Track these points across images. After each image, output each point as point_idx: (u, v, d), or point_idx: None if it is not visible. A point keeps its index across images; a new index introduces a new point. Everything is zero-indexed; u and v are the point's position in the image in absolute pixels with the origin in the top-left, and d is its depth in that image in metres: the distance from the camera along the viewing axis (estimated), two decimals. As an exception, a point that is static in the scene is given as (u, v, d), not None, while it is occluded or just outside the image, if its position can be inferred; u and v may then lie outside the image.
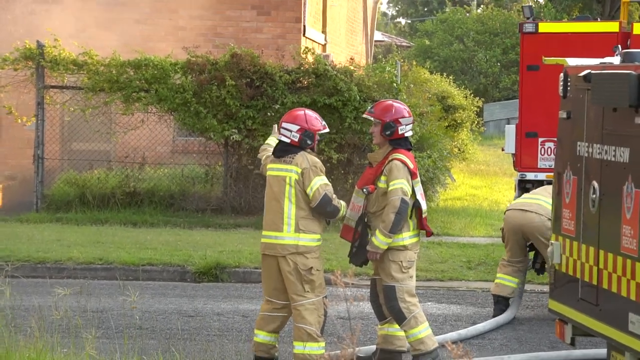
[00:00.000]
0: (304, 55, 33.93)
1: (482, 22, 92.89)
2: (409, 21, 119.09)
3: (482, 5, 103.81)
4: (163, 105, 32.23)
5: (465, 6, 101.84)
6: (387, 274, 17.31)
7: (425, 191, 28.05)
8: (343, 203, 17.74)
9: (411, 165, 17.13)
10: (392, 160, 17.27)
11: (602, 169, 11.37)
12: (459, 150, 54.36)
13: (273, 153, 17.89)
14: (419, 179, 17.16)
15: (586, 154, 11.77)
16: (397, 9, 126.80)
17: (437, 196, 35.25)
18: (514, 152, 23.50)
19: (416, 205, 17.24)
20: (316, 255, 17.44)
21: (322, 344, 17.26)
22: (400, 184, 17.02)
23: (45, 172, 32.72)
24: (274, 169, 17.57)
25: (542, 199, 20.20)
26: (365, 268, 19.28)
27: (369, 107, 18.67)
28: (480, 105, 63.29)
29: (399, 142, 17.44)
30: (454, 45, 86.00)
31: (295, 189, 17.23)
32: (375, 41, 77.72)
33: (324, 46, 45.73)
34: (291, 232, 17.31)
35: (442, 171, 36.61)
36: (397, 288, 17.16)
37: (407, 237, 17.22)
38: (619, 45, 21.87)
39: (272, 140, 18.25)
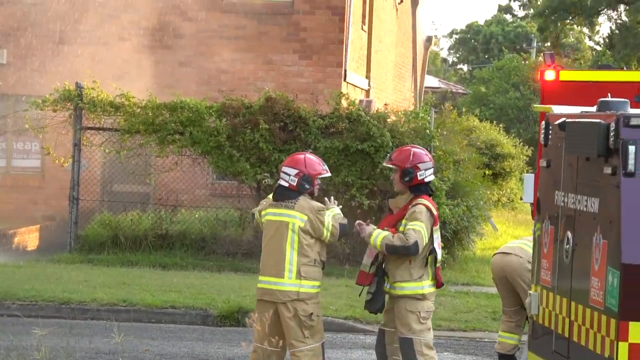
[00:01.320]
0: (338, 100, 33.87)
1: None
2: (470, 68, 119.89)
3: (541, 53, 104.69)
4: (197, 148, 32.21)
5: (522, 53, 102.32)
6: (404, 324, 17.03)
7: (460, 240, 27.79)
8: (334, 208, 17.61)
9: (434, 212, 16.98)
10: (416, 204, 17.02)
11: (575, 220, 11.44)
12: (508, 199, 54.50)
13: (272, 197, 17.82)
14: (438, 227, 16.98)
15: (562, 204, 11.85)
16: (457, 55, 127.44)
17: (473, 245, 35.22)
18: (532, 201, 23.45)
19: (432, 253, 16.96)
20: (316, 301, 17.36)
21: None
22: (418, 225, 16.75)
23: (81, 213, 32.97)
24: (274, 214, 17.41)
25: (525, 242, 19.75)
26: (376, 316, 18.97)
27: (389, 155, 18.82)
28: (530, 154, 63.11)
29: (419, 188, 17.22)
30: (510, 93, 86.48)
31: (298, 235, 17.09)
32: (431, 88, 77.76)
33: (367, 91, 45.75)
34: (292, 279, 17.16)
35: (477, 220, 36.53)
36: (414, 341, 16.88)
37: (426, 285, 16.96)
38: None
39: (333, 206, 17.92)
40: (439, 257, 17.17)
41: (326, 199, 17.92)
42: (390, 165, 17.80)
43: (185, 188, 35.31)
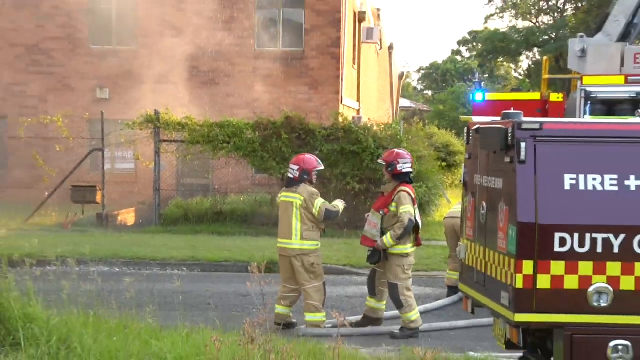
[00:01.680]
0: (336, 117, 33.77)
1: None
2: (432, 93, 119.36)
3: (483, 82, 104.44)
4: (239, 152, 32.28)
5: (468, 82, 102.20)
6: (392, 273, 17.30)
7: (423, 210, 27.85)
8: (338, 204, 18.14)
9: (413, 196, 17.22)
10: (400, 191, 17.23)
11: (487, 194, 11.57)
12: (459, 181, 54.93)
13: (285, 185, 18.57)
14: (417, 205, 17.26)
15: (479, 183, 11.79)
16: (424, 84, 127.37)
17: (432, 213, 35.22)
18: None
19: (416, 224, 17.23)
20: (316, 254, 17.78)
21: (324, 314, 17.55)
22: (407, 208, 17.07)
23: (162, 199, 32.99)
24: (284, 197, 17.93)
25: None
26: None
27: (380, 158, 18.74)
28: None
29: (400, 177, 17.39)
30: (460, 110, 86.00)
31: (299, 210, 17.60)
32: (405, 107, 77.59)
33: (358, 110, 45.75)
34: (298, 240, 17.68)
35: (435, 196, 36.88)
36: (399, 286, 17.19)
37: (409, 247, 17.21)
38: (540, 109, 21.99)
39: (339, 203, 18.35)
40: (420, 226, 17.41)
41: (337, 201, 18.38)
42: (381, 161, 18.14)
43: (233, 180, 35.66)
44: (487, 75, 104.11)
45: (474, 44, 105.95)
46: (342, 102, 41.28)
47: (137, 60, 41.12)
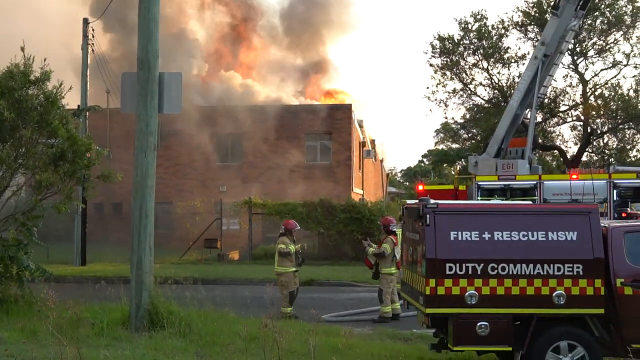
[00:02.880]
0: (349, 199, 33.52)
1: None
2: (408, 183, 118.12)
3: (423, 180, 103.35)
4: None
5: (423, 178, 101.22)
6: (382, 284, 16.82)
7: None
8: (291, 247, 16.94)
9: (395, 241, 16.69)
10: (387, 237, 16.97)
11: (412, 242, 11.33)
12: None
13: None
14: (398, 247, 16.09)
15: (408, 236, 11.61)
16: (404, 179, 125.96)
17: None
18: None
19: (394, 256, 16.64)
20: (287, 276, 16.95)
21: (290, 308, 16.85)
22: (386, 245, 16.78)
23: (253, 245, 32.57)
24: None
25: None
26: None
27: (379, 221, 19.13)
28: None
29: (389, 232, 17.05)
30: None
31: (277, 250, 17.01)
32: (391, 192, 76.79)
33: (362, 195, 44.60)
34: (275, 266, 17.09)
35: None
36: (383, 291, 16.75)
37: (392, 269, 16.67)
38: (454, 194, 21.85)
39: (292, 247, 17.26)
40: (398, 257, 16.17)
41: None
42: (379, 223, 18.46)
43: None
44: (437, 174, 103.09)
45: (429, 157, 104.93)
46: (352, 190, 40.47)
47: (242, 170, 41.28)
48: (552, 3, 24.06)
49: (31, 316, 13.34)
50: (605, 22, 31.78)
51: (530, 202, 13.51)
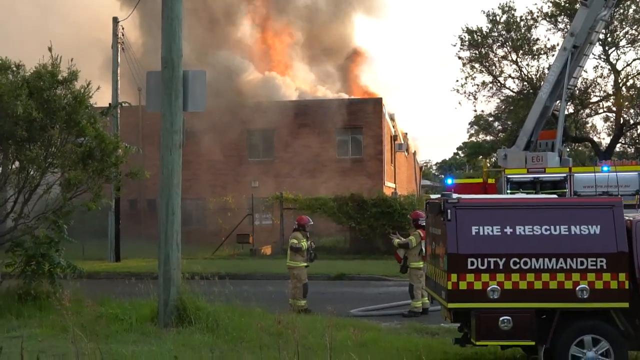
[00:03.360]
0: (380, 193, 33.50)
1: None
2: (443, 176, 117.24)
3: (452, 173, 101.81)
4: (325, 213, 31.51)
5: (458, 170, 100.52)
6: (411, 278, 16.88)
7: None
8: (303, 244, 17.00)
9: (422, 235, 16.06)
10: (415, 231, 16.99)
11: (434, 237, 11.35)
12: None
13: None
14: (424, 241, 15.67)
15: (430, 231, 11.77)
16: (439, 171, 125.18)
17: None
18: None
19: (421, 251, 16.33)
20: (299, 269, 17.01)
21: (305, 301, 16.93)
22: (412, 238, 16.86)
23: (284, 240, 32.13)
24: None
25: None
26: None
27: (409, 215, 18.77)
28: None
29: (417, 225, 16.95)
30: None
31: (289, 244, 17.25)
32: (425, 185, 76.52)
33: (394, 189, 44.33)
34: (287, 260, 17.16)
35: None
36: (414, 286, 16.75)
37: (420, 264, 16.31)
38: (483, 187, 21.72)
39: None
40: (424, 252, 15.44)
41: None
42: (409, 217, 18.21)
43: (323, 227, 32.99)
44: (472, 167, 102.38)
45: (464, 149, 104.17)
46: (384, 184, 40.36)
47: (273, 165, 41.38)
48: (580, -8, 23.74)
49: (62, 312, 13.57)
50: (639, 11, 31.40)
51: (554, 196, 13.32)
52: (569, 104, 24.82)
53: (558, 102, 22.67)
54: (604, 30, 26.47)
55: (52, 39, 15.49)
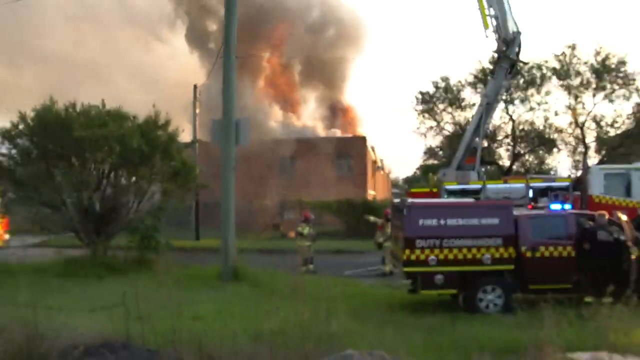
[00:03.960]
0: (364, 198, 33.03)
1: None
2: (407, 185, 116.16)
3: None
4: (326, 211, 30.88)
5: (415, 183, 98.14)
6: (384, 252, 16.01)
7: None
8: (301, 231, 16.29)
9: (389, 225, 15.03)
10: (386, 223, 15.90)
11: (396, 226, 11.36)
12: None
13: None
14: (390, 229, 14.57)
15: (395, 222, 11.75)
16: (405, 183, 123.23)
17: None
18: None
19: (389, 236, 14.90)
20: (301, 247, 16.52)
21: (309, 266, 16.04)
22: (386, 224, 15.54)
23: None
24: (299, 227, 16.80)
25: None
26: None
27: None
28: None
29: (388, 219, 15.68)
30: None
31: (301, 232, 16.58)
32: (394, 192, 74.68)
33: (374, 195, 42.32)
34: (297, 241, 16.85)
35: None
36: (385, 257, 15.77)
37: (387, 243, 15.24)
38: (432, 194, 21.20)
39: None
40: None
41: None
42: (384, 213, 16.86)
43: (329, 222, 31.92)
44: (426, 181, 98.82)
45: (420, 169, 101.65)
46: (367, 192, 39.66)
47: (295, 179, 39.85)
48: (491, 69, 24.02)
49: (163, 273, 13.73)
50: (524, 82, 32.03)
51: (472, 200, 13.48)
52: (484, 140, 24.80)
53: (477, 139, 22.67)
54: (505, 93, 26.65)
55: (151, 81, 15.65)
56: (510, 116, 33.69)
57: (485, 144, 31.17)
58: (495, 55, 22.61)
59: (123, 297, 5.71)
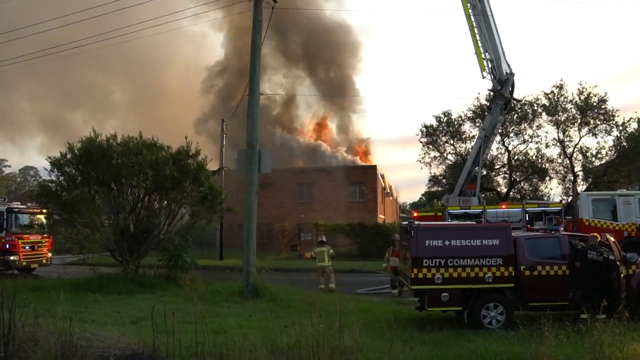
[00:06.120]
0: (374, 220, 32.70)
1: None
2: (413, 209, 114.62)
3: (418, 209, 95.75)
4: (340, 233, 30.44)
5: (422, 208, 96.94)
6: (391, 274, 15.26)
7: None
8: (314, 254, 15.58)
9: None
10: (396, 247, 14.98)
11: (404, 247, 11.10)
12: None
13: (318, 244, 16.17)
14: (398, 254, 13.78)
15: (403, 243, 11.48)
16: (411, 208, 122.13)
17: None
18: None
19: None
20: (318, 267, 15.64)
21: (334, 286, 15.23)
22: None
23: None
24: (319, 248, 15.79)
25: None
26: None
27: (393, 236, 16.35)
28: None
29: (396, 245, 14.92)
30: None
31: (327, 253, 15.58)
32: (402, 216, 73.99)
33: (384, 219, 42.24)
34: (324, 263, 15.64)
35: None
36: (391, 278, 15.23)
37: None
38: (436, 218, 21.00)
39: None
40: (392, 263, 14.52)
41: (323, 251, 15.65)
42: (393, 238, 15.80)
43: (339, 244, 31.45)
44: (430, 206, 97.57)
45: (425, 195, 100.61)
46: (378, 216, 39.37)
47: (312, 205, 40.07)
48: (487, 105, 24.02)
49: (187, 289, 13.65)
50: (518, 117, 32.22)
51: (474, 222, 13.26)
52: (483, 169, 24.60)
53: (477, 167, 22.49)
54: (500, 127, 26.62)
55: (181, 115, 15.80)
56: (506, 147, 33.77)
57: (484, 172, 31.02)
58: (492, 93, 22.74)
59: (152, 311, 5.61)
